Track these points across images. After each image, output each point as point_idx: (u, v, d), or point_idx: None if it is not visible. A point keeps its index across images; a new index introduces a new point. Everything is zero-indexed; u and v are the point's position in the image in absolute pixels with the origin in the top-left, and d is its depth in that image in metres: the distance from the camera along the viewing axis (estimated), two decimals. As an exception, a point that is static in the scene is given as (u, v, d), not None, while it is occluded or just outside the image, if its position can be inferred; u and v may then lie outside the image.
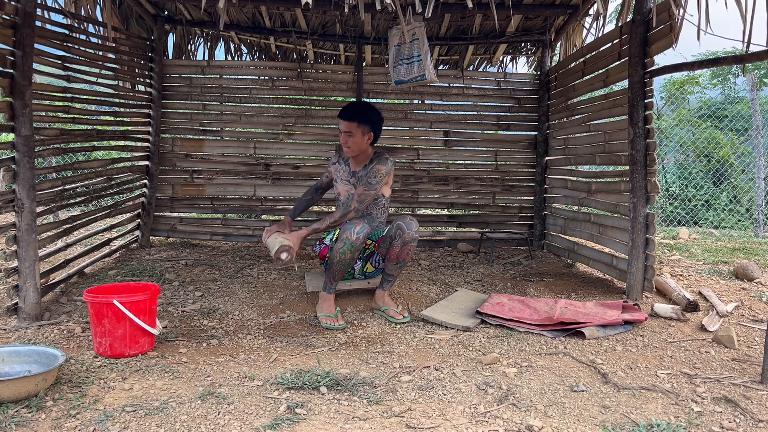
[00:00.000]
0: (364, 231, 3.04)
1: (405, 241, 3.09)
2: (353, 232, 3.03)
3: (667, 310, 3.24)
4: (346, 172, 3.30)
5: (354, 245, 3.04)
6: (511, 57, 5.67)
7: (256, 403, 2.15)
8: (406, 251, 3.12)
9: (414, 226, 3.09)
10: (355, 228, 3.04)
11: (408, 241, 3.09)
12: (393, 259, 3.15)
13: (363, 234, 3.04)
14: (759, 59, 2.97)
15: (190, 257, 4.57)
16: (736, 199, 8.08)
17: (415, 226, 3.09)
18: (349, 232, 3.03)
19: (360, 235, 3.03)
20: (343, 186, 3.30)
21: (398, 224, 3.11)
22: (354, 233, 3.03)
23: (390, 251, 3.15)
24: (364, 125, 3.19)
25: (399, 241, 3.10)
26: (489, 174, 5.39)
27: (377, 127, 3.26)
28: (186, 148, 5.17)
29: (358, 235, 3.03)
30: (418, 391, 2.28)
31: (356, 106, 3.25)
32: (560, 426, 2.02)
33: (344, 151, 3.27)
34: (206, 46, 5.42)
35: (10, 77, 2.95)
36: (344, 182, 3.29)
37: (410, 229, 3.08)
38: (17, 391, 2.07)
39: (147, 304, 2.64)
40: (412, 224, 3.09)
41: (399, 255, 3.13)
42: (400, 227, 3.10)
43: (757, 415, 2.12)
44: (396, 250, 3.11)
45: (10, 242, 3.01)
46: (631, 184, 3.53)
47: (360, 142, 3.21)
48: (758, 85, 7.11)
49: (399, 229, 3.10)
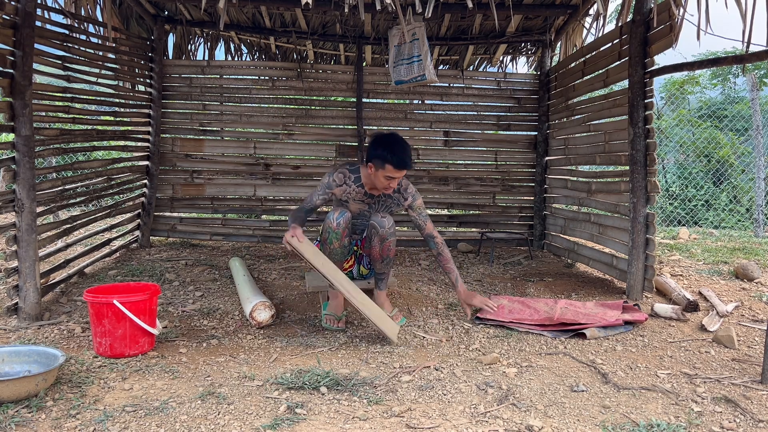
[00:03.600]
0: (343, 216, 3.06)
1: (382, 238, 3.11)
2: (332, 220, 3.05)
3: (667, 310, 3.24)
4: (361, 193, 3.22)
5: (337, 232, 3.05)
6: (511, 57, 5.67)
7: (256, 403, 2.15)
8: (386, 247, 3.13)
9: (386, 223, 3.11)
10: (334, 215, 3.06)
11: (384, 238, 3.11)
12: (377, 257, 3.17)
13: (343, 219, 3.05)
14: (759, 59, 2.97)
15: (190, 257, 4.57)
16: (736, 199, 8.08)
17: (387, 223, 3.11)
18: (329, 221, 3.06)
19: (340, 221, 3.04)
20: (356, 204, 3.24)
21: (372, 224, 3.13)
22: (333, 221, 3.05)
23: (372, 251, 3.17)
24: None
25: (376, 239, 3.12)
26: (489, 174, 5.39)
27: None
28: (186, 148, 5.17)
29: (338, 221, 3.04)
30: (418, 391, 2.28)
31: (409, 151, 3.07)
32: (560, 426, 2.02)
33: (386, 192, 3.15)
34: (206, 46, 5.42)
35: (10, 77, 2.95)
36: (357, 202, 3.23)
37: (383, 226, 3.10)
38: (17, 391, 2.07)
39: (147, 304, 2.64)
40: (384, 221, 3.11)
41: (381, 252, 3.14)
42: (374, 226, 3.11)
43: (757, 415, 2.12)
44: (376, 248, 3.14)
45: (10, 242, 3.01)
46: (631, 184, 3.52)
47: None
48: (758, 85, 7.10)
49: (373, 228, 3.12)
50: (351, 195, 3.21)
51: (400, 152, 2.99)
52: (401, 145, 3.03)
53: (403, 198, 3.27)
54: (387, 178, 3.03)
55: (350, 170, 3.20)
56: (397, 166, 2.98)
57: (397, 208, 3.33)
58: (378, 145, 3.02)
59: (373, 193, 3.21)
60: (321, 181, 3.20)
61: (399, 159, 2.97)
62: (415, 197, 3.28)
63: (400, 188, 3.25)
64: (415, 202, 3.27)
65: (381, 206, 3.27)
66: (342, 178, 3.19)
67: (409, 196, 3.27)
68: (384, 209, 3.28)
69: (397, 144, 3.02)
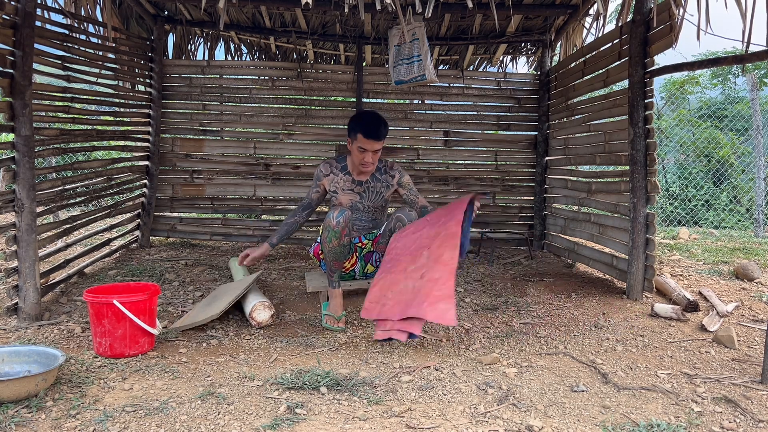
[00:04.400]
0: (343, 214, 3.03)
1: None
2: (332, 218, 3.03)
3: (667, 310, 3.24)
4: (348, 181, 3.21)
5: (336, 230, 3.03)
6: (511, 57, 5.67)
7: (256, 403, 2.14)
8: None
9: (414, 216, 3.06)
10: (333, 213, 3.04)
11: None
12: None
13: (342, 217, 3.03)
14: (759, 59, 2.97)
15: (190, 257, 4.57)
16: (736, 199, 8.08)
17: (415, 217, 3.06)
18: (329, 219, 3.04)
19: (339, 219, 3.02)
20: (346, 195, 3.22)
21: (398, 216, 3.07)
22: (333, 219, 3.03)
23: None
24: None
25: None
26: (489, 174, 5.38)
27: None
28: (186, 148, 5.17)
29: (338, 219, 3.02)
30: (418, 391, 2.28)
31: (382, 121, 3.08)
32: (560, 426, 2.02)
33: (364, 169, 3.14)
34: (206, 46, 5.42)
35: (10, 77, 2.95)
36: (347, 192, 3.21)
37: (411, 219, 3.03)
38: (17, 391, 2.07)
39: (147, 304, 2.64)
40: (412, 215, 3.05)
41: None
42: (401, 219, 3.05)
43: (757, 415, 2.12)
44: None
45: (10, 242, 3.01)
46: (631, 184, 3.52)
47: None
48: (758, 85, 7.10)
49: (399, 221, 3.06)
50: (339, 185, 3.21)
51: (371, 121, 3.04)
52: (374, 116, 3.08)
53: (390, 176, 3.26)
54: (360, 150, 3.06)
55: (337, 159, 3.26)
56: (367, 134, 3.01)
57: (387, 191, 3.28)
58: (353, 119, 3.12)
59: (361, 180, 3.20)
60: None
61: (367, 126, 3.01)
62: (402, 173, 3.29)
63: (386, 167, 3.24)
64: (403, 178, 3.29)
65: (372, 194, 3.24)
66: (328, 168, 3.24)
67: (396, 173, 3.27)
68: (376, 196, 3.25)
69: (369, 115, 3.10)
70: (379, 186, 3.24)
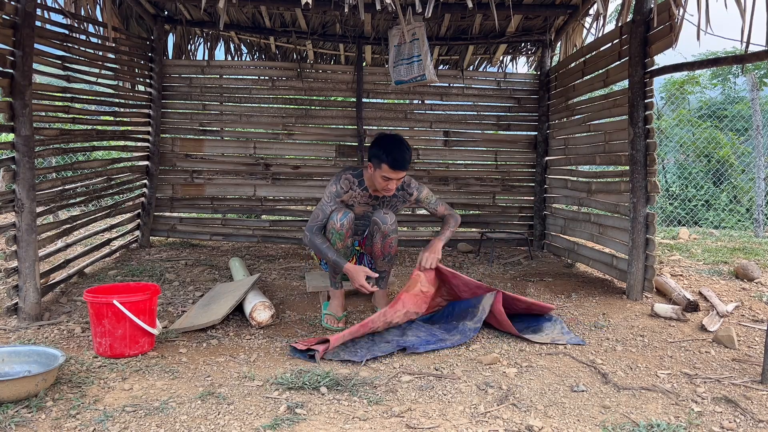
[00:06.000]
0: (346, 216, 3.06)
1: (384, 235, 3.11)
2: (336, 221, 3.05)
3: (667, 310, 3.24)
4: (365, 196, 3.22)
5: (341, 232, 3.05)
6: (511, 57, 5.67)
7: (256, 403, 2.14)
8: (388, 244, 3.14)
9: (389, 219, 3.11)
10: (337, 216, 3.06)
11: (387, 234, 3.11)
12: (379, 254, 3.18)
13: (346, 219, 3.05)
14: (759, 59, 2.97)
15: (190, 257, 4.57)
16: (736, 199, 8.08)
17: (390, 220, 3.12)
18: (333, 221, 3.06)
19: (343, 221, 3.04)
20: (361, 207, 3.26)
21: (374, 219, 3.14)
22: (337, 221, 3.05)
23: (373, 248, 3.18)
24: None
25: (378, 236, 3.13)
26: (489, 174, 5.38)
27: None
28: (186, 148, 5.17)
29: (342, 222, 3.04)
30: (418, 391, 2.28)
31: (407, 151, 3.05)
32: (560, 426, 2.02)
33: (386, 193, 3.14)
34: (206, 46, 5.42)
35: (10, 77, 2.95)
36: (363, 204, 3.24)
37: (386, 222, 3.10)
38: (17, 391, 2.07)
39: (147, 304, 2.64)
40: (387, 218, 3.11)
41: (383, 249, 3.15)
42: (377, 222, 3.12)
43: (757, 415, 2.12)
44: (378, 245, 3.15)
45: (10, 242, 3.01)
46: (631, 184, 3.52)
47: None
48: (758, 85, 7.10)
49: (375, 224, 3.13)
50: (357, 199, 3.21)
51: (397, 153, 2.97)
52: (400, 146, 3.01)
53: (408, 194, 3.27)
54: (384, 179, 3.03)
55: (354, 175, 3.19)
56: (393, 166, 2.97)
57: (402, 205, 3.33)
58: (377, 145, 3.03)
59: (378, 195, 3.21)
60: (327, 192, 3.15)
61: (394, 159, 2.96)
62: (420, 189, 3.31)
63: (403, 185, 3.26)
64: (422, 194, 3.31)
65: (386, 206, 3.28)
66: (348, 185, 3.18)
67: (414, 190, 3.28)
68: (390, 208, 3.28)
69: (395, 144, 3.01)
70: (394, 201, 3.28)
